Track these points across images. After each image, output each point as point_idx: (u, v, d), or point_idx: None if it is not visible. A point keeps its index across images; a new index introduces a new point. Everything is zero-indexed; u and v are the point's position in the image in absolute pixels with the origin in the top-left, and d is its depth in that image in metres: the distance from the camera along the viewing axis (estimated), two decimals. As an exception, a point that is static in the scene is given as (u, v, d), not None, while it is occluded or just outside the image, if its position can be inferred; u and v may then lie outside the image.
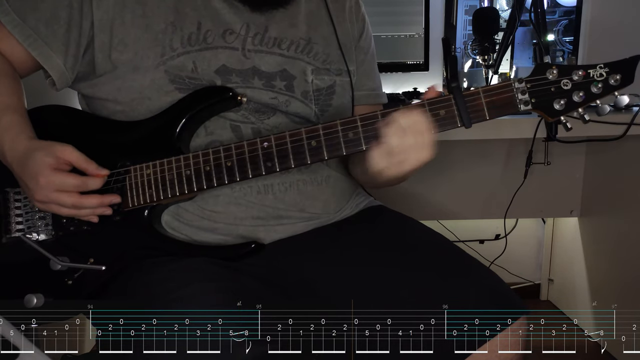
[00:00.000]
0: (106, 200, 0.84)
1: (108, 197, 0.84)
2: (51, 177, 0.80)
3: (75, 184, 0.81)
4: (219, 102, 0.88)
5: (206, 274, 0.80)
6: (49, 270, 0.86)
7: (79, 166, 0.82)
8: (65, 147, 0.82)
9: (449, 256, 0.88)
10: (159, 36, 0.87)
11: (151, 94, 0.87)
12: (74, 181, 0.81)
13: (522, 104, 0.78)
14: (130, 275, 0.85)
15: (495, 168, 1.89)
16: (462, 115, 0.78)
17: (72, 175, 0.82)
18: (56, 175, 0.80)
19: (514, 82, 0.78)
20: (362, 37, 1.07)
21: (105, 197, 0.84)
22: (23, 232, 0.90)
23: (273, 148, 0.82)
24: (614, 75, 0.76)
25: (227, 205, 0.89)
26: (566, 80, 0.77)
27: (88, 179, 0.82)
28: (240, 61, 0.91)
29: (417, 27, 1.78)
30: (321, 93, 0.97)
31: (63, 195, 0.81)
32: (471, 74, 1.82)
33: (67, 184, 0.81)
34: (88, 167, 0.83)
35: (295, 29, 0.97)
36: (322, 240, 0.94)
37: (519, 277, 2.13)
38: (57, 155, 0.81)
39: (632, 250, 1.66)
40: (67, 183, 0.81)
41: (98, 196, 0.84)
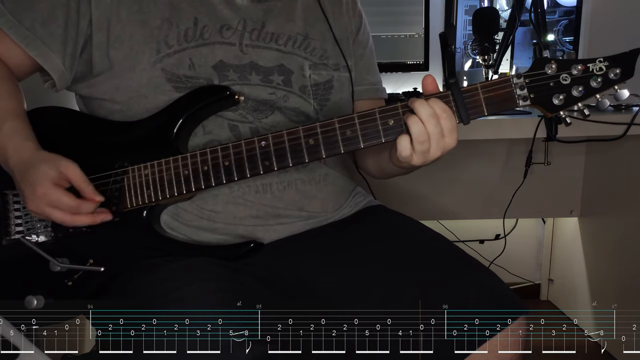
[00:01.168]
0: (98, 219, 0.83)
1: (100, 215, 0.83)
2: (48, 190, 0.79)
3: (69, 205, 0.80)
4: (217, 101, 0.87)
5: (206, 273, 0.80)
6: (49, 271, 0.86)
7: (78, 186, 0.81)
8: (70, 164, 0.81)
9: (449, 256, 0.88)
10: (154, 32, 0.87)
11: (148, 93, 0.87)
12: (69, 202, 0.80)
13: (520, 99, 0.77)
14: (129, 276, 0.85)
15: (495, 168, 1.89)
16: (460, 111, 0.77)
17: (68, 195, 0.80)
18: (54, 190, 0.79)
19: (513, 77, 0.77)
20: (360, 31, 1.07)
21: (96, 216, 0.83)
22: (22, 234, 0.90)
23: (271, 147, 0.81)
24: (614, 69, 0.75)
25: (226, 205, 0.89)
26: (565, 75, 0.76)
27: (82, 204, 0.81)
28: (238, 57, 0.91)
29: (417, 27, 1.78)
30: (319, 88, 0.97)
31: (55, 211, 0.80)
32: (471, 73, 1.82)
33: (62, 202, 0.80)
34: (85, 190, 0.82)
35: (292, 25, 0.97)
36: (321, 240, 0.94)
37: (519, 277, 2.13)
38: (60, 170, 0.80)
39: (632, 250, 1.66)
40: (61, 201, 0.80)
41: (90, 215, 0.82)
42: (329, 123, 0.80)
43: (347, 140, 0.80)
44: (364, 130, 0.79)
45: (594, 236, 1.88)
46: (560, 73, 0.76)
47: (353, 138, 0.79)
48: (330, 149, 0.80)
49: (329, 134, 0.80)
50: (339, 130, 0.80)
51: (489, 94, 0.77)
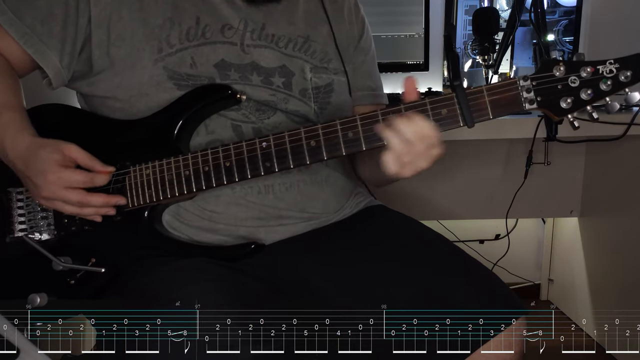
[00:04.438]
0: (112, 201, 0.85)
1: (114, 197, 0.85)
2: (59, 173, 0.80)
3: (82, 180, 0.82)
4: (218, 100, 0.87)
5: (207, 274, 0.80)
6: (52, 270, 0.87)
7: (84, 164, 0.83)
8: (70, 144, 0.82)
9: (449, 256, 0.88)
10: (155, 31, 0.87)
11: (149, 90, 0.87)
12: (82, 177, 0.82)
13: (527, 102, 0.75)
14: (131, 275, 0.85)
15: (495, 168, 1.89)
16: (465, 114, 0.76)
17: (79, 172, 0.82)
18: (64, 171, 0.81)
19: (519, 79, 0.75)
20: (363, 38, 1.06)
21: (111, 197, 0.84)
22: (26, 233, 0.90)
23: (272, 148, 0.81)
24: (625, 71, 0.72)
25: (228, 206, 0.89)
26: (574, 78, 0.73)
27: (95, 175, 0.83)
28: (239, 56, 0.91)
29: (417, 27, 1.78)
30: (320, 91, 0.97)
31: (70, 192, 0.81)
32: (471, 73, 1.82)
33: (75, 180, 0.81)
34: (94, 165, 0.83)
35: (293, 27, 0.97)
36: (322, 241, 0.94)
37: (519, 277, 2.13)
38: (63, 152, 0.81)
39: (632, 250, 1.66)
40: (74, 179, 0.81)
41: (104, 195, 0.84)
42: (331, 124, 0.80)
43: (348, 142, 0.79)
44: (366, 132, 0.79)
45: (594, 236, 1.88)
46: (568, 75, 0.74)
47: (355, 140, 0.79)
48: (331, 151, 0.80)
49: (331, 136, 0.80)
50: (341, 132, 0.79)
51: (494, 97, 0.76)
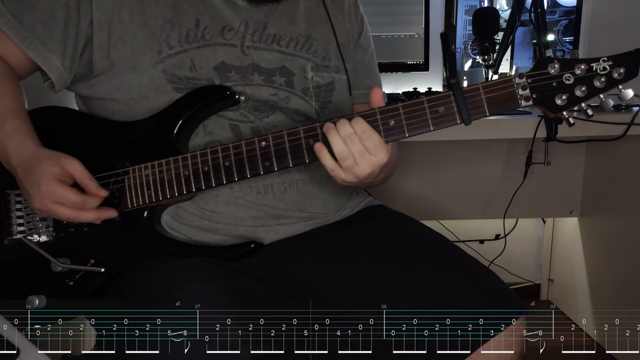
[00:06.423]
0: (103, 215, 0.84)
1: (105, 211, 0.84)
2: (53, 187, 0.80)
3: (74, 201, 0.81)
4: (217, 101, 0.87)
5: (206, 274, 0.80)
6: (51, 271, 0.87)
7: (81, 182, 0.82)
8: (72, 160, 0.82)
9: (449, 256, 0.88)
10: (156, 33, 0.87)
11: (149, 93, 0.87)
12: (74, 198, 0.81)
13: (523, 99, 0.76)
14: (130, 276, 0.85)
15: (495, 168, 1.89)
16: (462, 111, 0.77)
17: (73, 192, 0.81)
18: (58, 187, 0.80)
19: (515, 77, 0.76)
20: (362, 36, 1.07)
21: (101, 212, 0.84)
22: (24, 234, 0.90)
23: (271, 147, 0.81)
24: (618, 68, 0.74)
25: (227, 206, 0.89)
26: (568, 75, 0.75)
27: (87, 199, 0.82)
28: (239, 58, 0.91)
29: (417, 27, 1.78)
30: (321, 90, 0.97)
31: (60, 208, 0.81)
32: (471, 73, 1.82)
33: (67, 199, 0.81)
34: (89, 185, 0.82)
35: (294, 26, 0.97)
36: (321, 240, 0.94)
37: (519, 277, 2.13)
38: (63, 166, 0.81)
39: (632, 250, 1.66)
40: (67, 198, 0.81)
41: (95, 211, 0.83)
42: None
43: None
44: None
45: (594, 236, 1.88)
46: (563, 73, 0.75)
47: None
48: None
49: None
50: None
51: (490, 94, 0.77)
